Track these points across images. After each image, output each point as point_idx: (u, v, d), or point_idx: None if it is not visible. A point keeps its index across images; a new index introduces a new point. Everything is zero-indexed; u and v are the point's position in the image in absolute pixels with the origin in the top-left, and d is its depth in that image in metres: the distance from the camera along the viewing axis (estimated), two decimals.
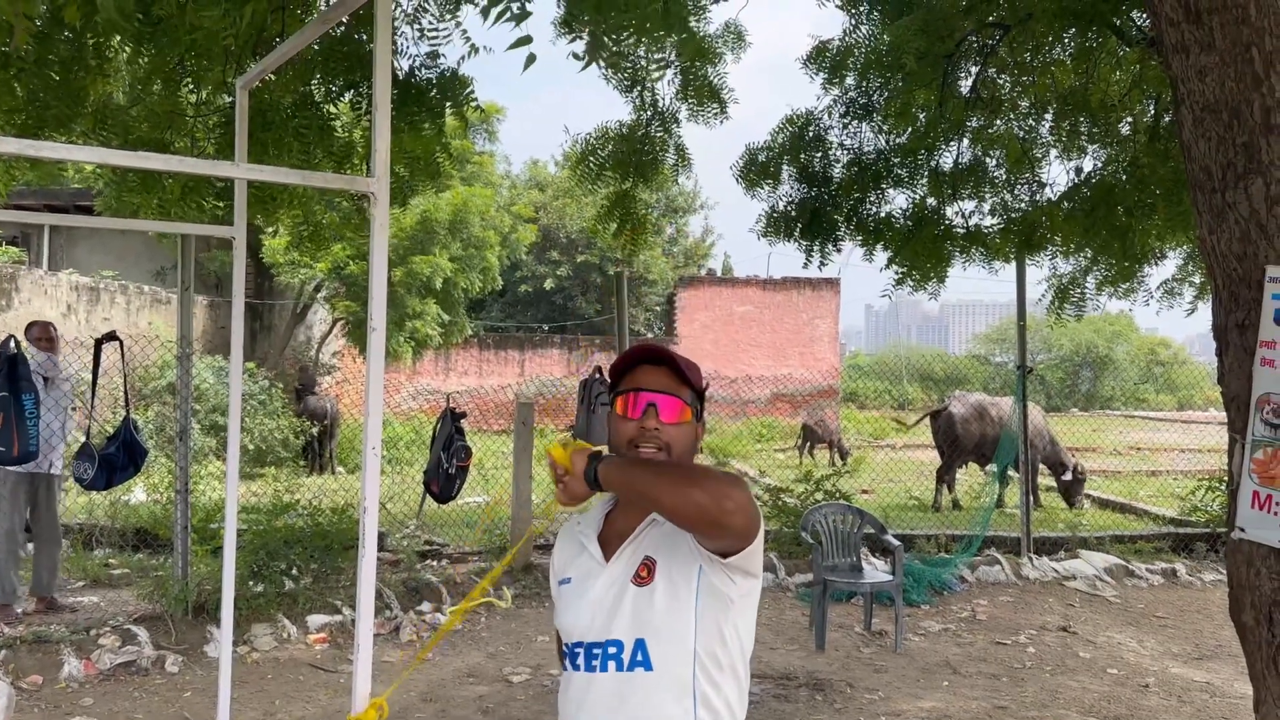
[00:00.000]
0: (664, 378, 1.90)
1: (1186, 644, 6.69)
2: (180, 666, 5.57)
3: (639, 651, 1.81)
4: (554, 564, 2.06)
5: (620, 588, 1.85)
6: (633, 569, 1.85)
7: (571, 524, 2.07)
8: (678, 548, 1.84)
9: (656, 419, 1.86)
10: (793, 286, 28.26)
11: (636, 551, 1.88)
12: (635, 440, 1.86)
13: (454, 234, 15.77)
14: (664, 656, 1.80)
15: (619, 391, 1.93)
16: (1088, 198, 6.62)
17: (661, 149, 7.02)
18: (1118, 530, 9.96)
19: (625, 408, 1.89)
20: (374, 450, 2.67)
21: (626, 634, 1.82)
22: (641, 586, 1.83)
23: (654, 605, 1.81)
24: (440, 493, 6.89)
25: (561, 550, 2.04)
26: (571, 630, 1.90)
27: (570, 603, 1.92)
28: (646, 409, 1.86)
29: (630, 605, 1.83)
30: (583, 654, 1.86)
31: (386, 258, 2.65)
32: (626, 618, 1.83)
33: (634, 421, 1.87)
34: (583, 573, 1.93)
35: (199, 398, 12.87)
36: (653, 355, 1.93)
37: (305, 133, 5.42)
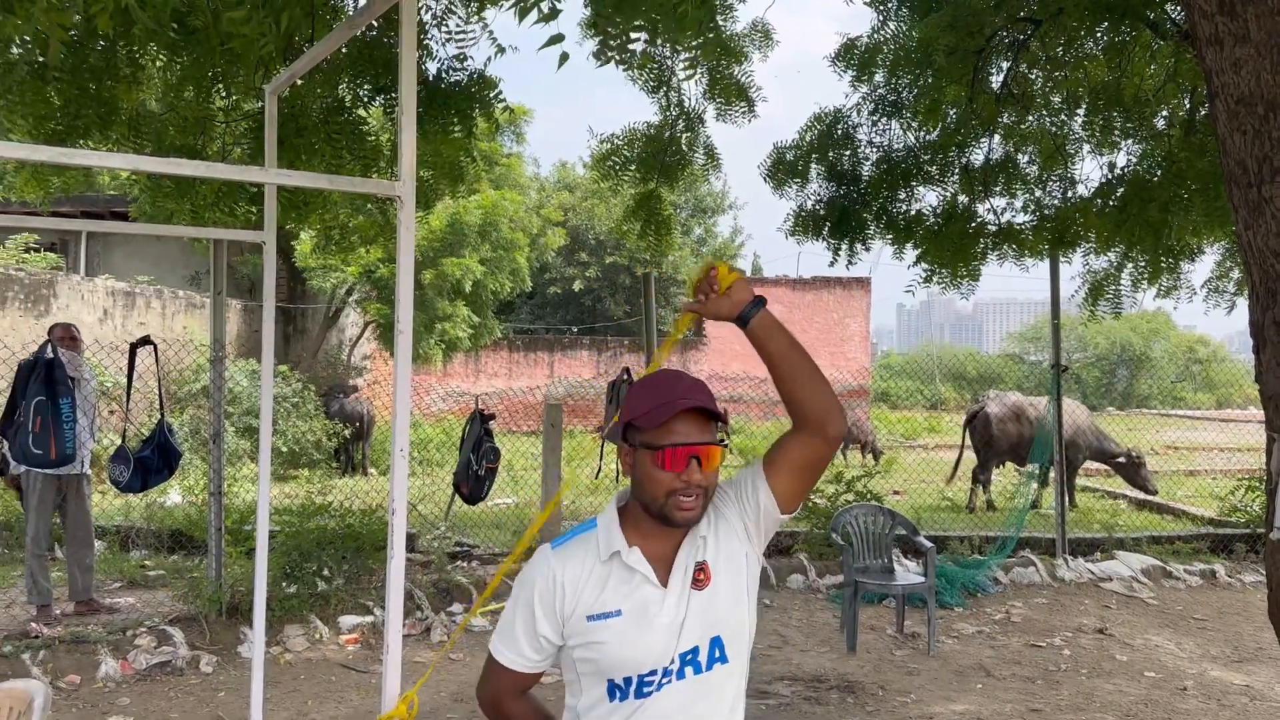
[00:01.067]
0: (701, 424, 1.89)
1: (1226, 646, 6.57)
2: (214, 667, 5.63)
3: (715, 648, 1.87)
4: (564, 599, 1.90)
5: (685, 601, 1.87)
6: (688, 581, 1.89)
7: (571, 554, 1.94)
8: (727, 544, 1.92)
9: (701, 471, 1.86)
10: (823, 286, 28.13)
11: (686, 566, 1.90)
12: (675, 491, 1.84)
13: (483, 236, 15.85)
14: (737, 647, 1.90)
15: (655, 445, 1.86)
16: (1121, 194, 6.54)
17: (690, 149, 7.02)
18: (1155, 531, 9.81)
19: (665, 462, 1.85)
20: (402, 452, 2.68)
21: (700, 637, 1.87)
22: (701, 590, 1.88)
23: (719, 602, 1.88)
24: (470, 494, 6.93)
25: (578, 583, 1.90)
26: (640, 662, 1.85)
27: (630, 636, 1.85)
28: (690, 463, 1.85)
29: (696, 611, 1.87)
30: (656, 677, 1.85)
31: (414, 260, 2.66)
32: (695, 624, 1.86)
33: (677, 474, 1.85)
34: (637, 603, 1.87)
35: (233, 401, 13.03)
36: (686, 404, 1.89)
37: (336, 137, 5.47)
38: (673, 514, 1.86)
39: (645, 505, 1.90)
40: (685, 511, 1.86)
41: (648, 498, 1.89)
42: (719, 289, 1.96)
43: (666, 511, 1.86)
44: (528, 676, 1.98)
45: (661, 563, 1.91)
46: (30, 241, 15.22)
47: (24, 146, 3.41)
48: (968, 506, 11.58)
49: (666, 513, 1.86)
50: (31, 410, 5.86)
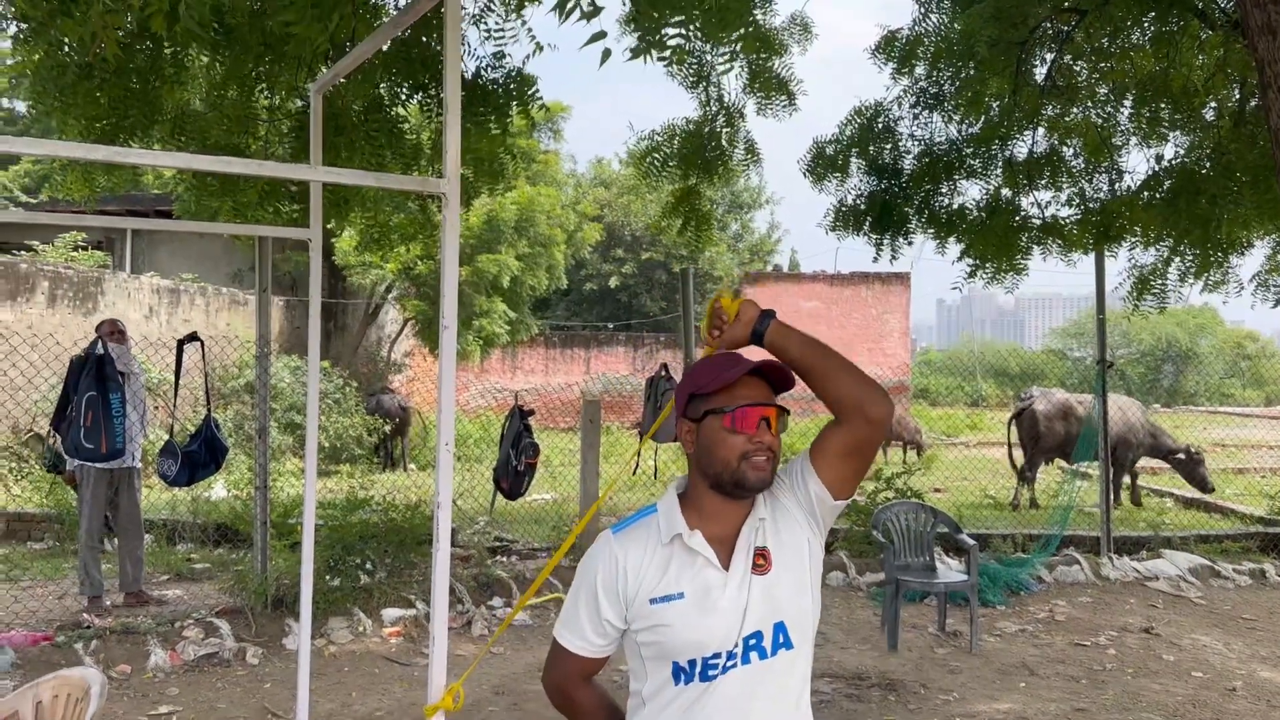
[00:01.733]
0: (764, 386, 1.94)
1: (1276, 647, 6.45)
2: (260, 658, 5.72)
3: (780, 634, 1.88)
4: (626, 582, 1.94)
5: (747, 585, 1.88)
6: (750, 565, 1.90)
7: (633, 538, 1.98)
8: (787, 530, 1.94)
9: (770, 431, 1.90)
10: (861, 281, 27.93)
11: (748, 549, 1.91)
12: (748, 453, 1.88)
13: (520, 233, 15.93)
14: (799, 634, 1.91)
15: (723, 409, 1.91)
16: (1169, 186, 6.42)
17: (730, 144, 6.99)
18: (1202, 530, 9.64)
19: (736, 423, 1.89)
20: (447, 447, 2.70)
21: (763, 622, 1.87)
22: (762, 575, 1.88)
23: (781, 588, 1.89)
24: (510, 489, 6.97)
25: (640, 566, 1.93)
26: (704, 644, 1.87)
27: (692, 618, 1.87)
28: (760, 424, 1.89)
29: (759, 595, 1.88)
30: (721, 660, 1.86)
31: (458, 258, 2.68)
32: (758, 608, 1.87)
33: (744, 435, 1.89)
34: (700, 586, 1.89)
35: (276, 397, 13.21)
36: (751, 368, 1.95)
37: (376, 135, 5.52)
38: (748, 475, 1.89)
39: (716, 476, 1.91)
40: (759, 471, 1.88)
41: (719, 465, 1.91)
42: (728, 319, 2.01)
43: (740, 475, 1.89)
44: (592, 661, 2.01)
45: (723, 545, 1.92)
46: (78, 240, 15.53)
47: (81, 146, 3.49)
48: (1011, 504, 11.45)
49: (741, 476, 1.89)
50: (83, 405, 5.99)
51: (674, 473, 10.77)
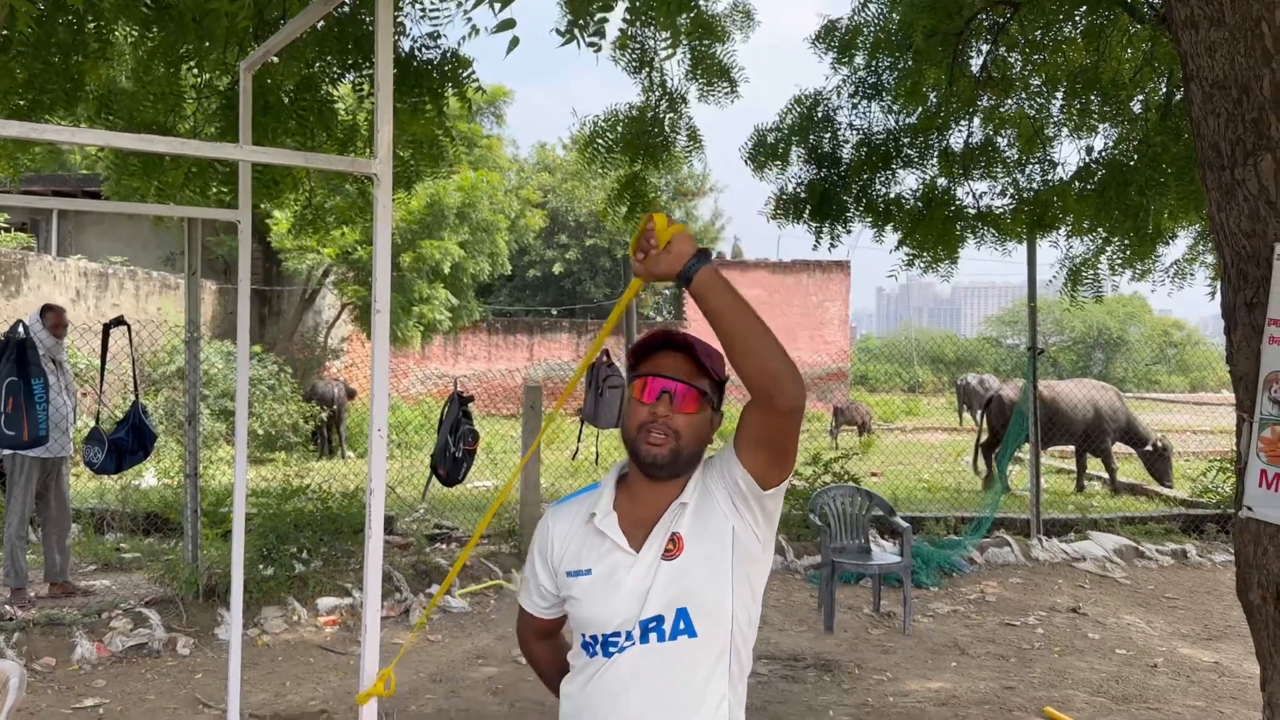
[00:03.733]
0: (683, 365, 1.89)
1: (1196, 624, 6.67)
2: (191, 649, 5.61)
3: (681, 620, 1.84)
4: (554, 552, 2.00)
5: (653, 569, 1.86)
6: (662, 549, 1.87)
7: (566, 512, 2.02)
8: (709, 517, 1.88)
9: (669, 406, 1.85)
10: (802, 269, 28.22)
11: (664, 534, 1.88)
12: (645, 424, 1.86)
13: (462, 218, 15.77)
14: (706, 623, 1.85)
15: (636, 375, 1.91)
16: (1099, 177, 6.56)
17: (672, 130, 6.98)
18: (1128, 512, 9.93)
19: (640, 391, 1.88)
20: (380, 433, 2.67)
21: (666, 607, 1.84)
22: (671, 560, 1.85)
23: (689, 575, 1.84)
24: (447, 476, 6.91)
25: (565, 540, 1.98)
26: (606, 622, 1.88)
27: (597, 596, 1.89)
28: (660, 395, 1.86)
29: (664, 580, 1.84)
30: (620, 638, 1.87)
31: (390, 240, 2.64)
32: (661, 593, 1.84)
33: (646, 406, 1.86)
34: (607, 565, 1.90)
35: (208, 383, 12.93)
36: (673, 341, 1.91)
37: (307, 116, 5.42)
38: (640, 448, 1.87)
39: (626, 445, 1.91)
40: (651, 446, 1.85)
41: (626, 435, 1.91)
42: (658, 244, 1.78)
43: (636, 446, 1.87)
44: (544, 621, 2.08)
45: (641, 528, 1.90)
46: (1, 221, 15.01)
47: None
48: (986, 481, 11.71)
49: (636, 448, 1.88)
50: (3, 391, 5.80)
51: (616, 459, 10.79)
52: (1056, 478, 13.56)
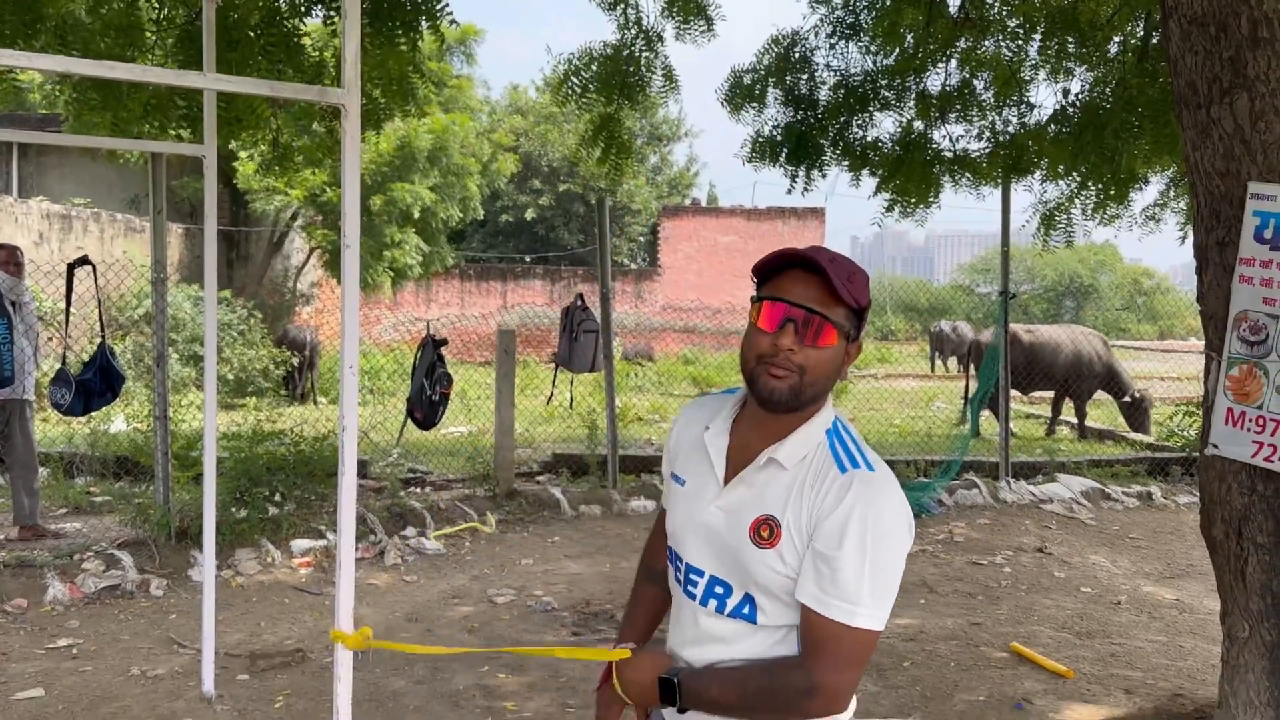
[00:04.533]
0: (815, 290, 1.61)
1: (1159, 564, 6.82)
2: (165, 590, 5.60)
3: (746, 604, 1.68)
4: (671, 447, 1.88)
5: (734, 530, 1.67)
6: (749, 515, 1.67)
7: (695, 412, 1.87)
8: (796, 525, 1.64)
9: (794, 338, 1.60)
10: (777, 216, 28.13)
11: (754, 494, 1.68)
12: (766, 356, 1.61)
13: (433, 162, 15.54)
14: (770, 617, 1.67)
15: (758, 298, 1.66)
16: (1076, 120, 6.55)
17: (648, 70, 6.88)
18: (1095, 455, 10.10)
19: (762, 317, 1.63)
20: (351, 370, 2.64)
21: (736, 581, 1.69)
22: (760, 548, 1.64)
23: (769, 571, 1.64)
24: (423, 419, 6.90)
25: (682, 437, 1.85)
26: (675, 536, 1.79)
27: (681, 508, 1.78)
28: (784, 324, 1.60)
29: (743, 558, 1.66)
30: (683, 570, 1.76)
31: (359, 174, 2.59)
32: (736, 566, 1.68)
33: (768, 335, 1.61)
34: (699, 483, 1.76)
35: (177, 327, 12.78)
36: (807, 262, 1.63)
37: (274, 50, 5.29)
38: (758, 381, 1.63)
39: (744, 374, 1.69)
40: (772, 379, 1.61)
41: (744, 363, 1.68)
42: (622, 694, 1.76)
43: (755, 378, 1.64)
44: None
45: (744, 455, 1.72)
46: None
47: None
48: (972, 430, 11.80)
49: (754, 379, 1.64)
50: None
51: (591, 405, 10.79)
52: (1025, 422, 13.76)
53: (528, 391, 13.85)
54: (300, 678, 4.45)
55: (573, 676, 4.51)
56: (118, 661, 4.61)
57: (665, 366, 19.99)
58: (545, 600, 5.65)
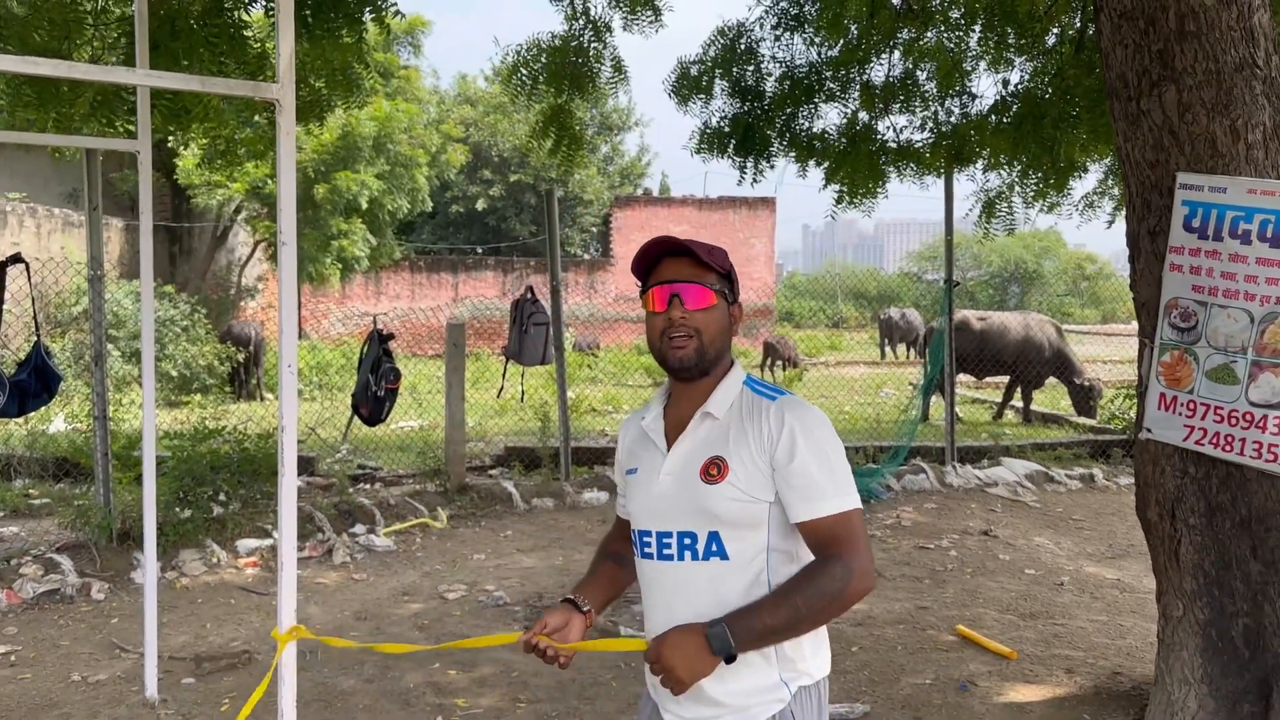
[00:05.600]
0: (685, 267, 1.91)
1: (1100, 544, 6.98)
2: (106, 593, 5.49)
3: (713, 543, 1.86)
4: (619, 453, 2.11)
5: (686, 481, 1.88)
6: (695, 463, 1.88)
7: (635, 415, 2.10)
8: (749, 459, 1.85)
9: (682, 308, 1.88)
10: (729, 206, 28.25)
11: (696, 446, 1.90)
12: (666, 331, 1.89)
13: (378, 150, 15.35)
14: (739, 548, 1.85)
15: (643, 290, 1.95)
16: (1015, 110, 6.66)
17: (596, 61, 6.85)
18: (1039, 439, 10.29)
19: (652, 302, 1.92)
20: (290, 368, 2.61)
21: (699, 526, 1.86)
22: (712, 484, 1.85)
23: (726, 502, 1.84)
24: (369, 415, 6.82)
25: (625, 439, 2.09)
26: (639, 516, 1.96)
27: (638, 492, 1.97)
28: (671, 300, 1.88)
29: (700, 499, 1.86)
30: (654, 542, 1.92)
31: (295, 169, 2.56)
32: (697, 511, 1.86)
33: (661, 314, 1.89)
34: (649, 463, 1.97)
35: (118, 324, 12.50)
36: (670, 247, 1.93)
37: (216, 41, 5.18)
38: (667, 355, 1.90)
39: (656, 358, 1.95)
40: (676, 349, 1.88)
41: (653, 348, 1.95)
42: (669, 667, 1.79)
43: (664, 354, 1.91)
44: (621, 522, 2.14)
45: (678, 428, 1.96)
46: None
47: None
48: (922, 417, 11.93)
49: (664, 355, 1.91)
50: None
51: (544, 397, 10.77)
52: (972, 407, 13.99)
53: (480, 385, 13.78)
54: (247, 679, 4.39)
55: (525, 671, 4.51)
56: (58, 668, 4.52)
57: (619, 357, 19.99)
58: (497, 595, 5.64)
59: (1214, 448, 3.29)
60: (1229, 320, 3.22)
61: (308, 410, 11.56)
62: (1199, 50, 3.15)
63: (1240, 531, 3.32)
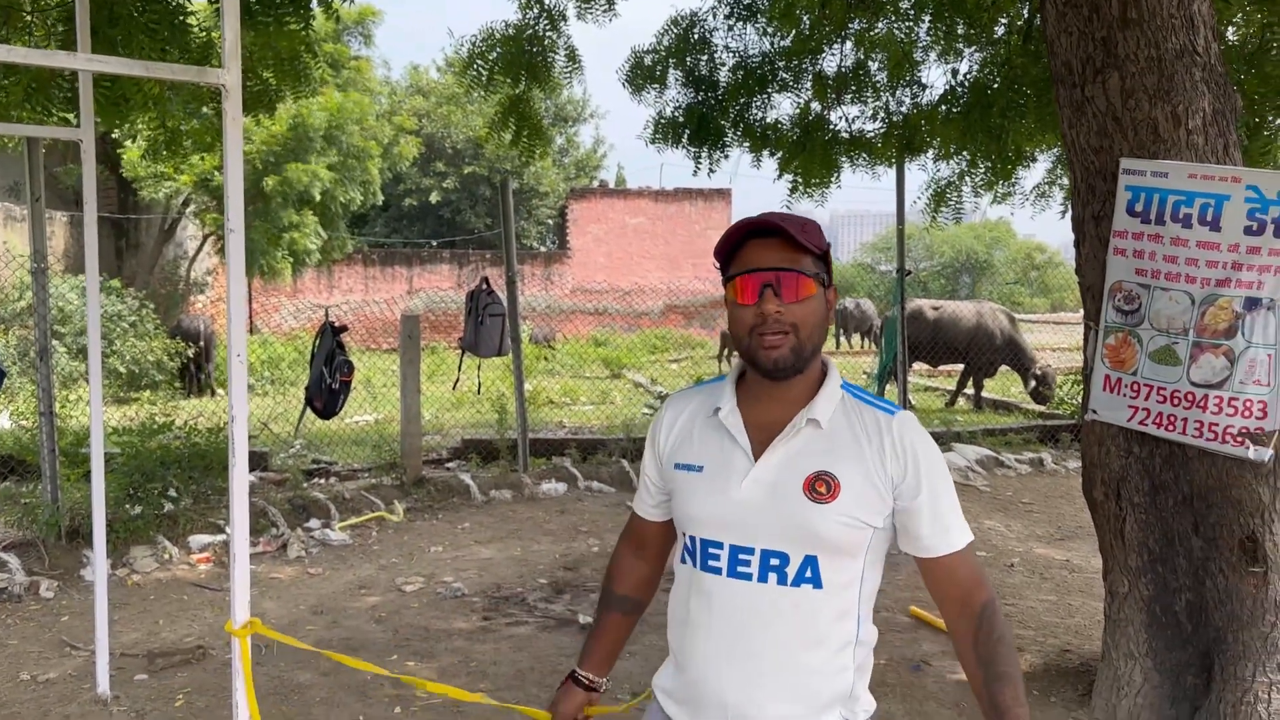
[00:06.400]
0: (777, 250, 1.65)
1: (1050, 526, 7.12)
2: (56, 591, 5.39)
3: (809, 568, 1.64)
4: (665, 442, 1.82)
5: (784, 494, 1.64)
6: (796, 476, 1.65)
7: (685, 402, 1.83)
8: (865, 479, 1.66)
9: (777, 300, 1.63)
10: (685, 198, 28.30)
11: (795, 455, 1.67)
12: (757, 328, 1.64)
13: (330, 142, 15.15)
14: (834, 576, 1.65)
15: (729, 278, 1.70)
16: (964, 100, 6.75)
17: (551, 50, 6.82)
18: (989, 424, 10.46)
19: (739, 293, 1.66)
20: (239, 359, 2.58)
21: (794, 547, 1.64)
22: (820, 503, 1.63)
23: (834, 525, 1.63)
24: (323, 409, 6.74)
25: (679, 430, 1.80)
26: (706, 524, 1.70)
27: (705, 495, 1.70)
28: (763, 290, 1.63)
29: (803, 519, 1.63)
30: (725, 555, 1.67)
31: (242, 158, 2.53)
32: (795, 531, 1.63)
33: (751, 307, 1.64)
34: (722, 463, 1.70)
35: (64, 320, 12.24)
36: (760, 227, 1.67)
37: (156, 28, 5.08)
38: (758, 355, 1.65)
39: (742, 355, 1.71)
40: (770, 350, 1.63)
41: (738, 343, 1.70)
42: None
43: (754, 353, 1.66)
44: (644, 524, 1.91)
45: (763, 431, 1.70)
46: None
47: None
48: None
49: (754, 355, 1.66)
50: None
51: (501, 390, 10.72)
52: (925, 394, 14.17)
53: (436, 378, 13.68)
54: (202, 675, 4.34)
55: (483, 661, 4.51)
56: (6, 667, 4.43)
57: (576, 348, 19.97)
58: (455, 586, 5.62)
59: (1157, 427, 3.37)
60: (1171, 302, 3.30)
61: (260, 405, 11.40)
62: (1141, 37, 3.22)
63: (1182, 509, 3.42)
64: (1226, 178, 3.14)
